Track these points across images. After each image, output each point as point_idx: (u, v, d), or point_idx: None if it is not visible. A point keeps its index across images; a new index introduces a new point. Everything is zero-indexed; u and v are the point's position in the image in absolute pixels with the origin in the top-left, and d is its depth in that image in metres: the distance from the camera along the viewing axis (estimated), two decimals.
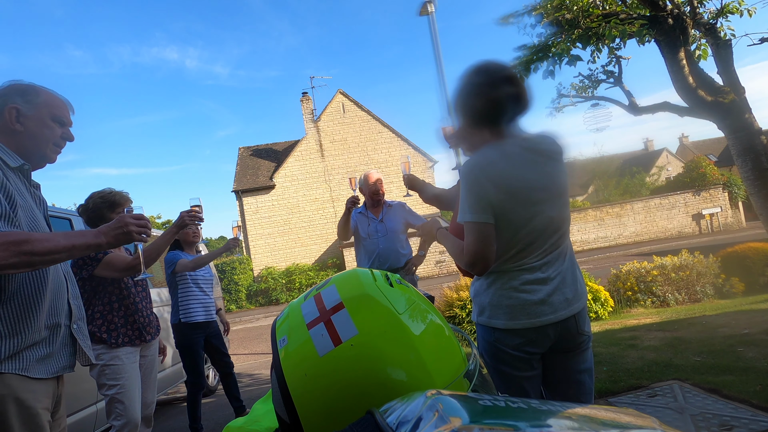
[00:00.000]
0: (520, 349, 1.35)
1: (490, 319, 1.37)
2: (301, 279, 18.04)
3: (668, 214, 19.01)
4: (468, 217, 1.29)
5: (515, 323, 1.33)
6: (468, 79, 1.38)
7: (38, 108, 1.43)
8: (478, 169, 1.30)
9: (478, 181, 1.29)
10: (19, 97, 1.41)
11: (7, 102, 1.39)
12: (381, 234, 3.31)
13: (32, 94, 1.43)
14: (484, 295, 1.40)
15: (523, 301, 1.33)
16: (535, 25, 5.66)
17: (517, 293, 1.34)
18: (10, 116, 1.39)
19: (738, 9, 5.28)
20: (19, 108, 1.40)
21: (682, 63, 5.16)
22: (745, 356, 3.21)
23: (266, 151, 22.43)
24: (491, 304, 1.37)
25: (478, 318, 1.42)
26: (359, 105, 20.91)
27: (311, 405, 0.70)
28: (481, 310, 1.40)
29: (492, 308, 1.37)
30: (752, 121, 5.04)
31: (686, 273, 6.17)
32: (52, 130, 1.47)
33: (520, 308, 1.33)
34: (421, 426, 0.42)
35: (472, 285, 1.48)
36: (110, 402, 2.26)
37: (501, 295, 1.35)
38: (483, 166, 1.30)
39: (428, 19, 8.55)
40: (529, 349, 1.35)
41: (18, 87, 1.43)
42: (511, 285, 1.34)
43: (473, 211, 1.29)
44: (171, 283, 3.50)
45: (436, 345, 0.75)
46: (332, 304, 0.75)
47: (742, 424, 2.25)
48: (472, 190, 1.29)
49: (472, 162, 1.33)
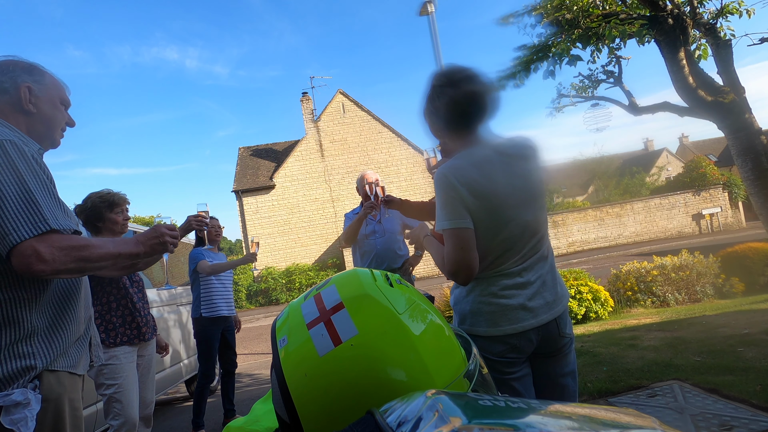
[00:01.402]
0: (504, 356, 1.33)
1: (471, 326, 1.34)
2: (301, 279, 18.04)
3: (668, 214, 19.02)
4: (446, 224, 1.26)
5: (496, 330, 1.31)
6: (430, 83, 1.36)
7: (48, 89, 1.33)
8: (450, 175, 1.27)
9: (452, 187, 1.26)
10: (28, 75, 1.30)
11: (18, 80, 1.27)
12: (379, 235, 3.30)
13: (38, 74, 1.33)
14: (464, 302, 1.37)
15: (503, 306, 1.31)
16: (535, 25, 5.67)
17: (496, 299, 1.32)
18: (24, 96, 1.27)
19: (738, 9, 5.28)
20: (31, 87, 1.29)
21: (682, 63, 5.16)
22: (745, 356, 3.21)
23: (266, 151, 22.43)
24: (471, 311, 1.34)
25: (459, 326, 1.37)
26: (359, 105, 20.91)
27: (311, 405, 0.70)
28: (462, 319, 1.37)
29: (472, 316, 1.34)
30: (752, 121, 5.04)
31: (686, 273, 6.18)
32: (62, 114, 1.38)
33: (501, 314, 1.31)
34: (421, 426, 0.42)
35: (452, 293, 1.45)
36: (108, 401, 2.27)
37: (481, 302, 1.33)
38: (455, 172, 1.27)
39: (428, 19, 8.55)
40: (512, 356, 1.33)
41: (22, 64, 1.31)
42: (490, 291, 1.32)
43: (450, 217, 1.26)
44: (193, 278, 3.62)
45: (436, 345, 0.75)
46: (332, 304, 0.76)
47: (742, 424, 2.25)
48: (447, 196, 1.26)
49: (445, 169, 1.30)
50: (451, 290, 1.46)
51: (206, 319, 3.53)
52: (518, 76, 5.85)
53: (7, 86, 1.25)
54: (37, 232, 1.05)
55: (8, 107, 1.26)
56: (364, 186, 3.40)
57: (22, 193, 1.08)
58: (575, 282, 5.79)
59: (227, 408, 3.72)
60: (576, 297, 5.69)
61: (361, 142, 20.65)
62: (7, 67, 1.28)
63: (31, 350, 1.14)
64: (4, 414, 1.08)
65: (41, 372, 1.15)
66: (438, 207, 1.29)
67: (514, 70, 5.85)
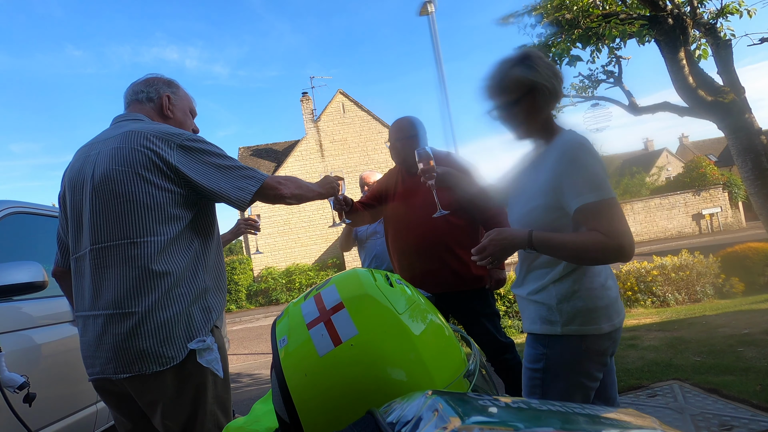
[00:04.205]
0: (606, 354, 1.25)
1: (582, 326, 1.22)
2: (301, 279, 18.04)
3: (668, 214, 19.02)
4: (606, 194, 1.15)
5: (610, 325, 1.23)
6: (542, 60, 1.30)
7: (181, 99, 1.60)
8: (590, 144, 1.21)
9: (598, 155, 1.20)
10: (167, 87, 1.57)
11: (160, 91, 1.55)
12: (380, 236, 3.30)
13: (175, 87, 1.60)
14: (573, 299, 1.23)
15: (613, 299, 1.25)
16: (535, 25, 5.67)
17: (607, 291, 1.24)
18: (165, 104, 1.54)
19: (738, 9, 5.28)
20: (170, 97, 1.56)
21: (682, 63, 5.16)
22: (745, 356, 3.21)
23: (266, 151, 22.43)
24: (587, 308, 1.22)
25: (564, 328, 1.23)
26: (359, 105, 20.91)
27: (311, 405, 0.70)
28: (571, 318, 1.23)
29: (588, 313, 1.22)
30: (752, 121, 5.04)
31: (686, 273, 6.18)
32: (191, 120, 1.64)
33: (612, 307, 1.24)
34: (421, 426, 0.42)
35: (545, 291, 1.27)
36: None
37: (595, 296, 1.22)
38: (590, 142, 1.23)
39: (428, 19, 8.55)
40: (610, 352, 1.28)
41: (163, 79, 1.59)
42: (599, 283, 1.24)
43: (608, 186, 1.17)
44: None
45: (436, 345, 0.75)
46: (332, 304, 0.76)
47: (742, 424, 2.25)
48: (598, 163, 1.18)
49: (581, 138, 1.24)
50: (544, 287, 1.28)
51: None
52: None
53: (153, 96, 1.54)
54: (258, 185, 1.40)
55: (153, 112, 1.54)
56: (363, 187, 3.41)
57: (227, 165, 1.40)
58: None
59: None
60: None
61: (361, 142, 20.65)
62: (152, 81, 1.56)
63: (209, 305, 1.39)
64: (199, 356, 1.31)
65: (212, 326, 1.39)
66: (590, 175, 1.17)
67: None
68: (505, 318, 5.63)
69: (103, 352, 1.31)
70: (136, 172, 1.30)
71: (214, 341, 1.36)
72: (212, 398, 1.35)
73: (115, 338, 1.28)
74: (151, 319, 1.27)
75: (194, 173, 1.33)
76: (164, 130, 1.37)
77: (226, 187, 1.36)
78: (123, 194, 1.30)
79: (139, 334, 1.27)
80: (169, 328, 1.28)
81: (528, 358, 1.33)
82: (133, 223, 1.29)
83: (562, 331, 1.23)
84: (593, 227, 1.14)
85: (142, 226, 1.30)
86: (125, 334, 1.27)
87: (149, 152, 1.31)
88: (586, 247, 1.14)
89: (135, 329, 1.27)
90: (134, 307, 1.27)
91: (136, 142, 1.33)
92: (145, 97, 1.53)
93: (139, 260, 1.29)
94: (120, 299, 1.28)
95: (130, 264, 1.29)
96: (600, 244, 1.12)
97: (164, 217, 1.31)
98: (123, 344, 1.27)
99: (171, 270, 1.31)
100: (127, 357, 1.27)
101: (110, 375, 1.30)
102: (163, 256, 1.30)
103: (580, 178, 1.17)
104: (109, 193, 1.31)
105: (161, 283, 1.29)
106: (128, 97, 1.55)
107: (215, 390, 1.36)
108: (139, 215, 1.30)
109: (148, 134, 1.34)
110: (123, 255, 1.29)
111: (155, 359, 1.27)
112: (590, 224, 1.15)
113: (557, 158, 1.23)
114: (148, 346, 1.27)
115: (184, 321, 1.31)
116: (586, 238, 1.14)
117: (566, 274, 1.24)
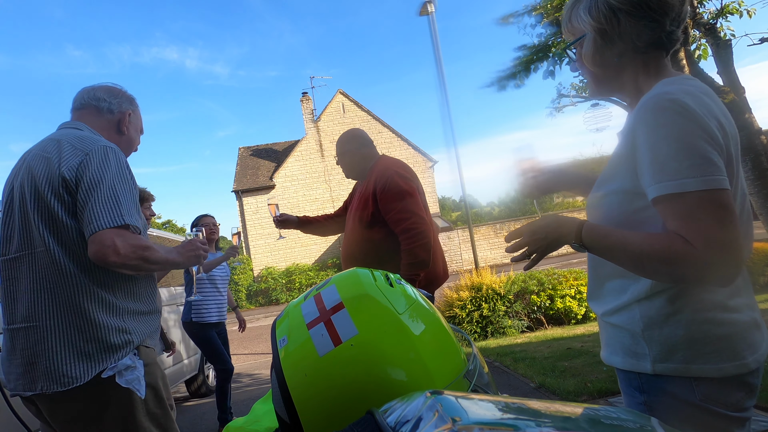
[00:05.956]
0: (741, 408, 0.84)
1: (689, 364, 0.83)
2: (301, 279, 18.05)
3: None
4: (690, 184, 0.76)
5: (737, 365, 0.82)
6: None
7: (137, 118, 1.59)
8: (691, 102, 0.80)
9: (696, 120, 0.78)
10: (129, 105, 1.55)
11: (123, 106, 1.52)
12: None
13: (135, 105, 1.58)
14: (671, 324, 0.85)
15: (741, 325, 0.84)
16: (535, 25, 5.68)
17: (728, 314, 0.84)
18: (124, 120, 1.52)
19: (738, 9, 5.28)
20: (131, 114, 1.55)
21: (682, 63, 5.16)
22: None
23: (266, 151, 22.44)
24: (689, 338, 0.83)
25: (660, 365, 0.86)
26: (359, 105, 20.92)
27: (311, 405, 0.70)
28: (670, 351, 0.85)
29: (691, 345, 0.83)
30: (752, 121, 5.04)
31: None
32: (138, 139, 1.63)
33: (740, 338, 0.83)
34: (421, 426, 0.42)
35: (627, 311, 0.91)
36: None
37: (704, 321, 0.83)
38: (694, 99, 0.81)
39: (428, 19, 8.56)
40: (749, 403, 0.86)
41: (127, 95, 1.56)
42: (715, 302, 0.84)
43: (698, 171, 0.76)
44: (188, 280, 3.57)
45: (436, 345, 0.75)
46: (332, 304, 0.76)
47: None
48: (693, 135, 0.78)
49: (671, 94, 0.82)
50: (625, 306, 0.91)
51: (196, 324, 3.48)
52: (518, 76, 5.87)
53: (114, 109, 1.50)
54: (114, 225, 1.22)
55: (108, 125, 1.49)
56: None
57: (110, 191, 1.26)
58: (575, 282, 5.80)
59: (221, 418, 3.65)
60: (576, 297, 5.70)
61: None
62: (117, 93, 1.52)
63: (128, 327, 1.33)
64: (118, 377, 1.27)
65: (138, 345, 1.35)
66: (674, 153, 0.78)
67: (514, 70, 5.87)
68: (505, 318, 5.63)
69: (14, 367, 1.30)
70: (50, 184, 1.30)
71: (138, 359, 1.32)
72: (144, 417, 1.31)
73: (23, 353, 1.27)
74: (54, 335, 1.25)
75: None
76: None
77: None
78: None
79: (43, 350, 1.24)
80: (73, 345, 1.25)
81: (629, 407, 0.93)
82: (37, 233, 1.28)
83: (653, 369, 0.87)
84: (675, 229, 0.78)
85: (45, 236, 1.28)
86: (30, 349, 1.25)
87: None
88: (650, 255, 0.79)
89: (38, 344, 1.25)
90: (38, 321, 1.26)
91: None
92: (106, 107, 1.49)
93: (45, 271, 1.27)
94: (28, 313, 1.27)
95: (37, 275, 1.27)
96: (676, 253, 0.76)
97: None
98: (30, 359, 1.25)
99: (79, 286, 1.27)
100: (32, 373, 1.25)
101: (20, 392, 1.28)
102: (69, 269, 1.27)
103: (658, 156, 0.79)
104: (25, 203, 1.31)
105: (67, 298, 1.26)
106: (85, 99, 1.48)
107: (146, 407, 1.32)
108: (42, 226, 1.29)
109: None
110: (29, 265, 1.28)
111: (57, 379, 1.23)
112: (670, 224, 0.80)
113: (633, 123, 0.86)
114: (50, 364, 1.23)
115: (94, 341, 1.26)
116: (655, 242, 0.79)
117: (660, 289, 0.86)
